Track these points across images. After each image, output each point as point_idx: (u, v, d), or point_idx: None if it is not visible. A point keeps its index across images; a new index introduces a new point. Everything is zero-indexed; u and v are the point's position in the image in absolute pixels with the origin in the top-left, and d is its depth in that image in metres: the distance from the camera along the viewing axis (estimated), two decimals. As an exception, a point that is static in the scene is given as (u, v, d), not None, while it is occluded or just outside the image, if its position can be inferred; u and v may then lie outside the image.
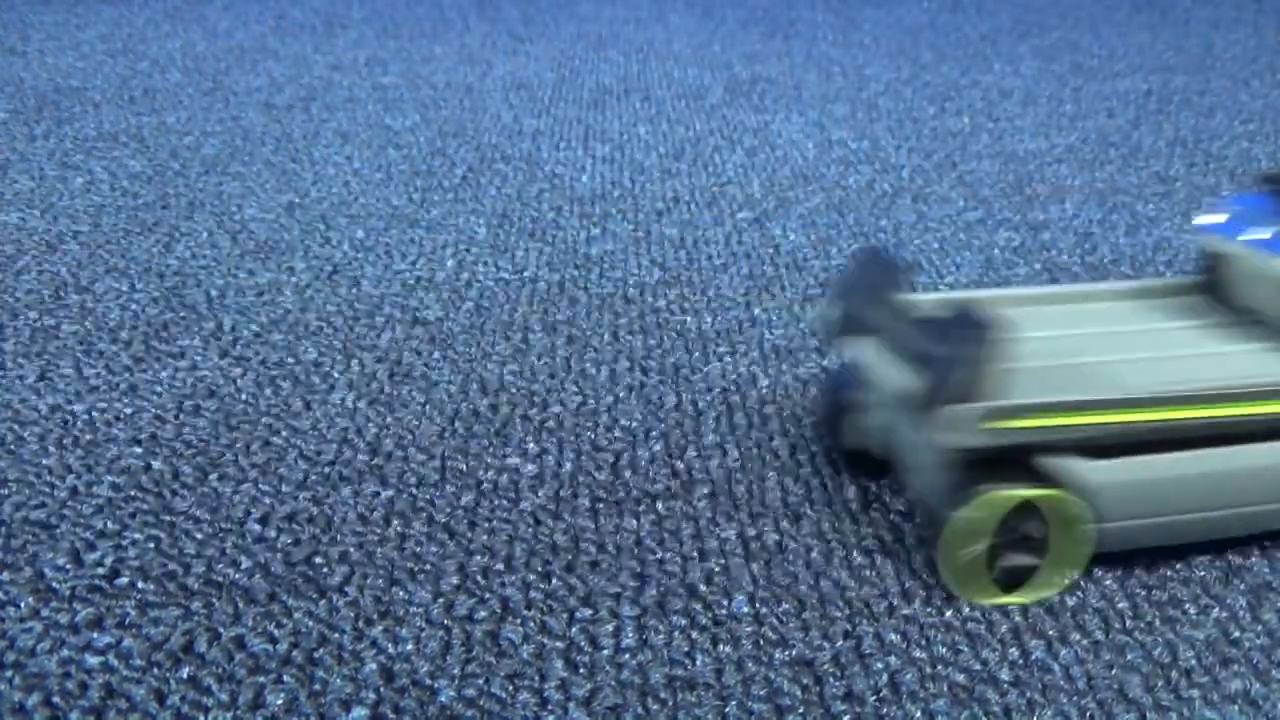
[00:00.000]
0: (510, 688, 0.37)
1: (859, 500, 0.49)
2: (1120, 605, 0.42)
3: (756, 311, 0.67)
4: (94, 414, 0.54)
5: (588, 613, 0.41)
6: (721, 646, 0.40)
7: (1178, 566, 0.44)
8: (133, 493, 0.47)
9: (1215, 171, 0.98)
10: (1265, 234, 0.52)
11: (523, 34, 1.66)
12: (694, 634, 0.40)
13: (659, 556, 0.45)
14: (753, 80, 1.36)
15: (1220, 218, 0.54)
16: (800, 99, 1.26)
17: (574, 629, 0.40)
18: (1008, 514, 0.41)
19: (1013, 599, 0.42)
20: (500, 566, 0.43)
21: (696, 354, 0.62)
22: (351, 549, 0.44)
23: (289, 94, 1.23)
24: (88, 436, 0.52)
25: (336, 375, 0.58)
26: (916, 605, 0.42)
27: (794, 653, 0.39)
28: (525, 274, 0.73)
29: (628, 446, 0.52)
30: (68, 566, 0.43)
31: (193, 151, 0.99)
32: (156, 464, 0.50)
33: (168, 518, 0.46)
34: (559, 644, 0.39)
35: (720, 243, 0.79)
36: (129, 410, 0.54)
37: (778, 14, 1.87)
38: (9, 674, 0.37)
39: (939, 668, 0.39)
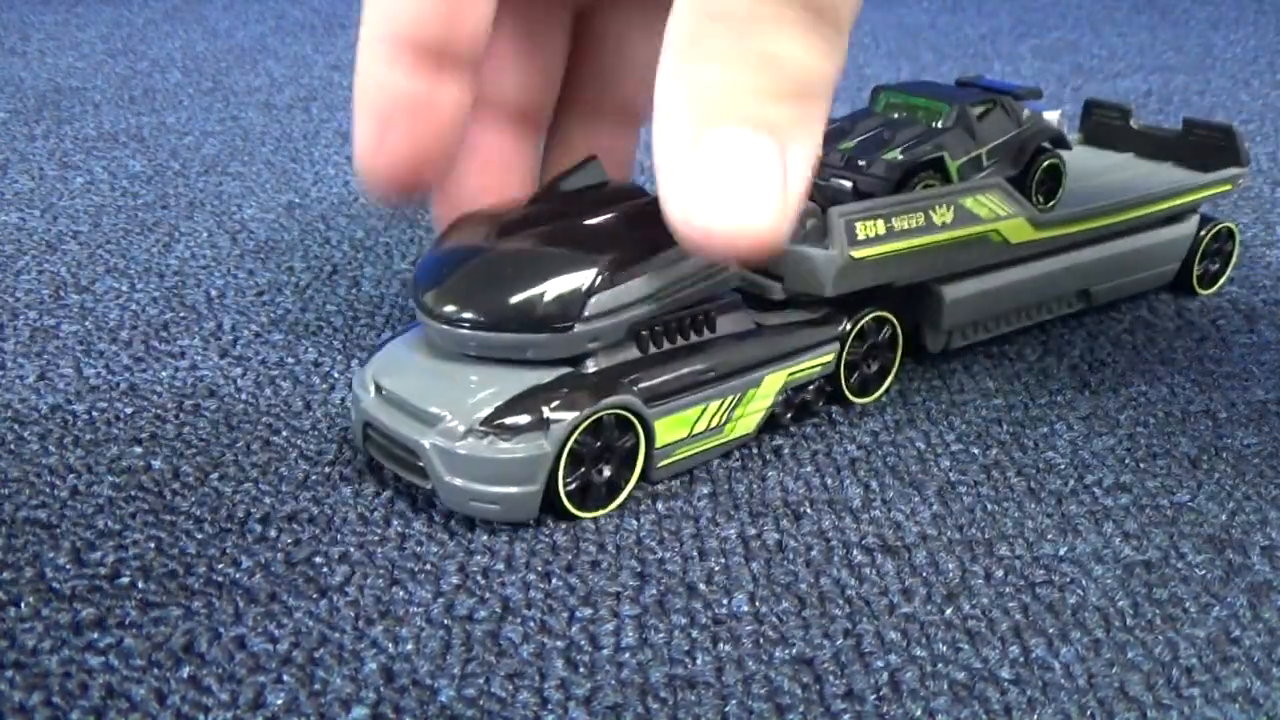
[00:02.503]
0: (510, 687, 0.37)
1: (860, 498, 0.49)
2: (1121, 603, 0.42)
3: (756, 311, 0.67)
4: (94, 414, 0.54)
5: (588, 612, 0.41)
6: (722, 645, 0.40)
7: (1178, 565, 0.44)
8: (133, 492, 0.47)
9: (1215, 171, 0.98)
10: None
11: (523, 34, 1.65)
12: (694, 633, 0.40)
13: (659, 556, 0.45)
14: (753, 80, 1.35)
15: None
16: (800, 99, 1.26)
17: (574, 628, 0.40)
18: None
19: None
20: (500, 566, 0.43)
21: (697, 353, 0.62)
22: (352, 549, 0.44)
23: (289, 94, 1.23)
24: (88, 436, 0.52)
25: (336, 375, 0.58)
26: (917, 603, 0.42)
27: (794, 651, 0.39)
28: (525, 274, 0.73)
29: (628, 446, 0.52)
30: (69, 566, 0.43)
31: (193, 151, 0.99)
32: (157, 464, 0.50)
33: (168, 517, 0.46)
34: (559, 643, 0.39)
35: (720, 242, 0.79)
36: (129, 410, 0.54)
37: (777, 14, 1.87)
38: (10, 674, 0.37)
39: (939, 666, 0.39)
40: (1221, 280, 0.72)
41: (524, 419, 0.44)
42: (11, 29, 1.56)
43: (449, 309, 0.46)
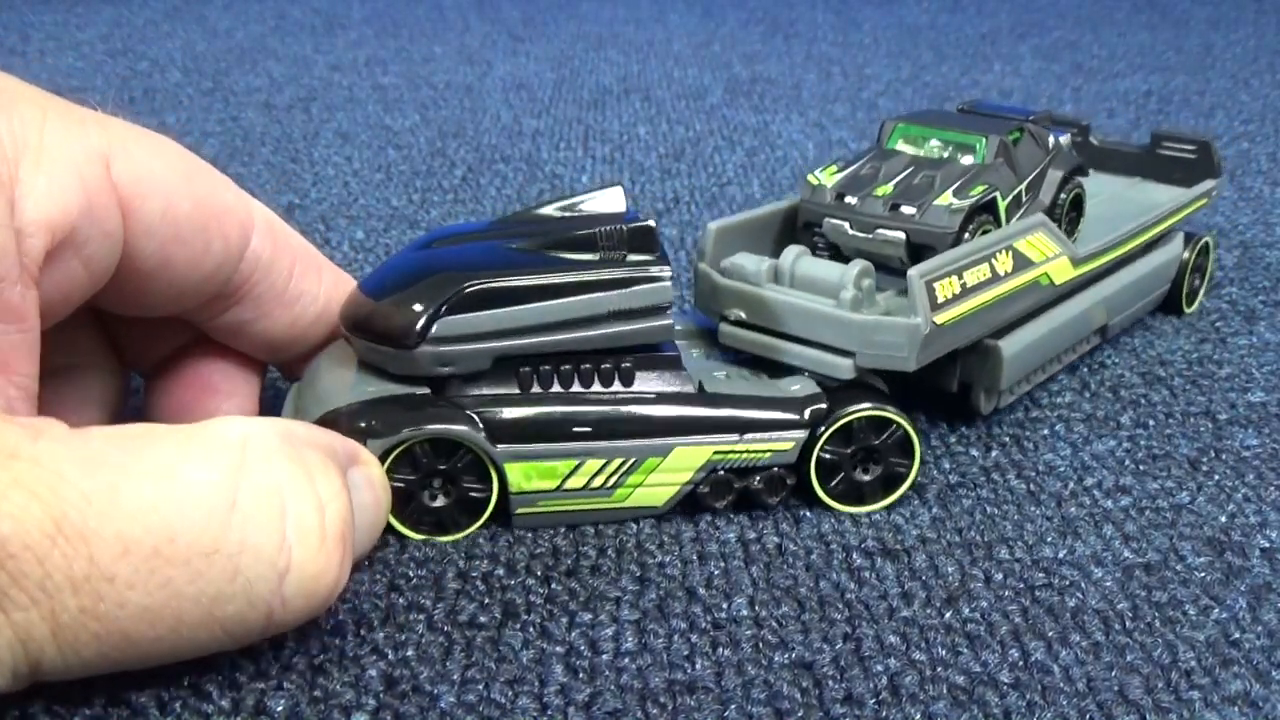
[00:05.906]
0: (510, 693, 0.37)
1: (859, 502, 0.49)
2: (1120, 606, 0.42)
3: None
4: (94, 417, 0.54)
5: (588, 617, 0.41)
6: (721, 649, 0.40)
7: (1178, 568, 0.44)
8: (133, 496, 0.47)
9: (1215, 171, 0.98)
10: None
11: (523, 34, 1.66)
12: (694, 637, 0.40)
13: (659, 560, 0.45)
14: (753, 80, 1.36)
15: None
16: (800, 99, 1.26)
17: (574, 633, 0.40)
18: None
19: None
20: (501, 571, 0.44)
21: (696, 356, 0.62)
22: (352, 552, 0.44)
23: (289, 94, 1.23)
24: (88, 440, 0.52)
25: (337, 378, 0.58)
26: (916, 607, 0.42)
27: (794, 655, 0.39)
28: (525, 275, 0.73)
29: (628, 449, 0.52)
30: (69, 571, 0.43)
31: (193, 151, 0.99)
32: (157, 467, 0.50)
33: (168, 521, 0.46)
34: (559, 649, 0.39)
35: (720, 244, 0.79)
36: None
37: (778, 14, 1.87)
38: (10, 679, 0.37)
39: (939, 670, 0.39)
40: (1201, 295, 0.70)
41: (360, 424, 0.43)
42: (11, 29, 1.56)
43: (347, 310, 0.47)
